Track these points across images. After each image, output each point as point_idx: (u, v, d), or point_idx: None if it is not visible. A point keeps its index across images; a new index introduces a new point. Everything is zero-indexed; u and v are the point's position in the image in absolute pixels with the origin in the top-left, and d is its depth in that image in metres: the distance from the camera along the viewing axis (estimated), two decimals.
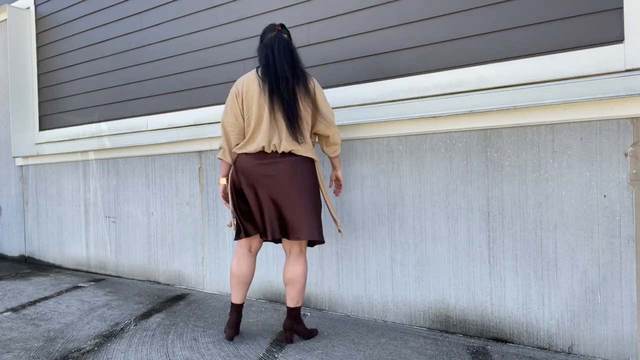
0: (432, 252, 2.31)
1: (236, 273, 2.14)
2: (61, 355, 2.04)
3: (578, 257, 1.98)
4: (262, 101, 1.99)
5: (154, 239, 3.40)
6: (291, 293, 2.08)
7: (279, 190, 1.99)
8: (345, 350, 2.04)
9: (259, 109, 2.00)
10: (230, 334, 2.14)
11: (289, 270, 2.08)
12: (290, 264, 2.09)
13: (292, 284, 2.07)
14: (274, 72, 1.97)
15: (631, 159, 1.86)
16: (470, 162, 2.20)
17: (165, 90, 3.33)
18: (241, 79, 2.08)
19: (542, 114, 2.01)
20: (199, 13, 3.12)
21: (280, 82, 1.95)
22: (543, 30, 2.05)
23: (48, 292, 3.14)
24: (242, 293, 2.15)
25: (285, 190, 1.98)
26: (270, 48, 2.01)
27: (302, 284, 2.08)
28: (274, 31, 2.06)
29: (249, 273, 2.14)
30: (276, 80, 1.96)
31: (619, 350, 1.91)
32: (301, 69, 2.03)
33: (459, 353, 2.00)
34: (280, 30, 2.07)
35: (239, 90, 2.05)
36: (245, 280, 2.14)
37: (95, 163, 3.79)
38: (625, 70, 1.88)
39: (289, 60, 1.99)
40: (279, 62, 1.97)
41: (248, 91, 2.02)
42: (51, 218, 4.16)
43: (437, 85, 2.29)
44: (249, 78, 2.05)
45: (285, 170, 1.97)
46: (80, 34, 3.86)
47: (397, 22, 2.40)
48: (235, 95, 2.06)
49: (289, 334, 2.12)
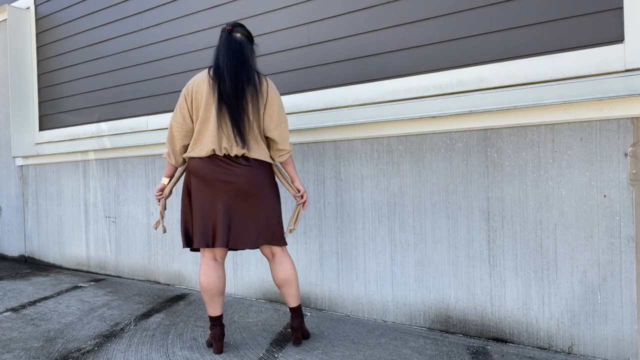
0: (432, 252, 2.31)
1: (207, 286, 1.98)
2: (61, 355, 2.04)
3: (578, 257, 1.98)
4: (211, 102, 1.93)
5: (154, 239, 3.40)
6: (289, 293, 2.07)
7: (235, 199, 1.93)
8: (345, 350, 2.04)
9: (205, 109, 1.93)
10: (220, 346, 2.02)
11: (280, 271, 2.04)
12: (277, 265, 2.05)
13: (288, 283, 2.05)
14: (222, 73, 1.91)
15: (631, 159, 1.86)
16: (470, 162, 2.20)
17: (165, 90, 3.33)
18: (193, 78, 2.01)
19: (542, 114, 2.01)
20: (199, 13, 3.12)
21: (227, 84, 1.89)
22: (543, 30, 2.05)
23: (48, 292, 3.14)
24: (219, 304, 2.02)
25: (243, 199, 1.93)
26: (218, 49, 1.97)
27: (296, 280, 2.07)
28: (224, 31, 2.00)
29: (219, 283, 2.00)
30: (224, 81, 1.90)
31: (619, 350, 1.91)
32: (251, 70, 1.95)
33: (459, 353, 2.00)
34: (231, 30, 1.99)
35: (189, 90, 1.97)
36: (218, 291, 2.00)
37: (95, 163, 3.79)
38: (625, 70, 1.88)
39: (238, 60, 1.92)
40: (228, 64, 1.91)
41: (198, 91, 1.95)
42: (51, 218, 4.16)
43: (437, 85, 2.29)
44: (200, 78, 1.97)
45: (241, 175, 1.91)
46: (80, 34, 3.86)
47: (397, 22, 2.40)
48: (185, 95, 1.98)
49: (299, 335, 2.09)
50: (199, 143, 1.95)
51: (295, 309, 2.09)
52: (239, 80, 1.90)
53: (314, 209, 2.68)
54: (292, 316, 2.10)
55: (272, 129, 1.97)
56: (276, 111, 1.98)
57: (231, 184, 1.91)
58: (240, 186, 1.92)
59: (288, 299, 2.08)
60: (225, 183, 1.92)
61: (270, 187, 2.01)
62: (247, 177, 1.92)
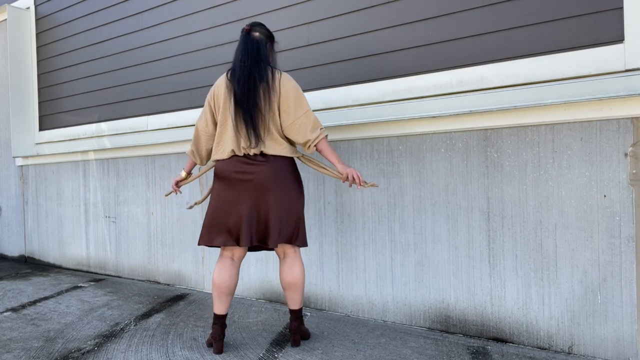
0: (432, 252, 2.31)
1: (218, 283, 2.00)
2: (61, 355, 2.04)
3: (578, 257, 1.98)
4: (227, 104, 1.97)
5: (154, 239, 3.40)
6: (293, 296, 2.06)
7: (257, 196, 1.94)
8: (345, 350, 2.04)
9: (224, 112, 1.98)
10: (220, 347, 2.02)
11: (288, 274, 2.04)
12: (287, 267, 2.05)
13: (294, 287, 2.04)
14: (237, 74, 1.95)
15: (631, 159, 1.86)
16: (470, 162, 2.20)
17: (165, 90, 3.33)
18: (216, 81, 2.06)
19: (542, 114, 2.01)
20: (199, 13, 3.12)
21: (239, 84, 1.92)
22: (543, 30, 2.05)
23: (48, 292, 3.14)
24: (226, 304, 2.03)
25: (264, 196, 1.94)
26: (236, 49, 2.02)
27: (303, 285, 2.06)
28: (243, 32, 2.03)
29: (231, 283, 2.01)
30: (238, 81, 1.93)
31: (619, 350, 1.91)
32: (265, 67, 1.96)
33: (459, 353, 2.00)
34: (250, 29, 2.01)
35: (211, 94, 2.04)
36: (228, 290, 2.01)
37: (95, 163, 3.79)
38: (625, 70, 1.88)
39: (253, 59, 1.95)
40: (240, 64, 1.95)
41: (218, 95, 2.01)
42: (51, 218, 4.16)
43: (437, 85, 2.29)
44: (219, 81, 2.03)
45: (261, 175, 1.93)
46: (80, 34, 3.86)
47: (397, 22, 2.40)
48: (209, 100, 2.05)
49: (297, 337, 2.09)
50: (221, 145, 2.01)
51: (295, 312, 2.09)
52: (251, 78, 1.92)
53: (314, 209, 2.68)
54: (291, 318, 2.10)
55: (287, 127, 1.96)
56: (292, 105, 1.95)
57: (251, 181, 1.94)
58: (259, 182, 1.93)
59: (290, 302, 2.08)
60: (245, 182, 1.94)
61: (290, 183, 1.99)
62: (264, 172, 1.93)
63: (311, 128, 1.96)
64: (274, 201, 1.95)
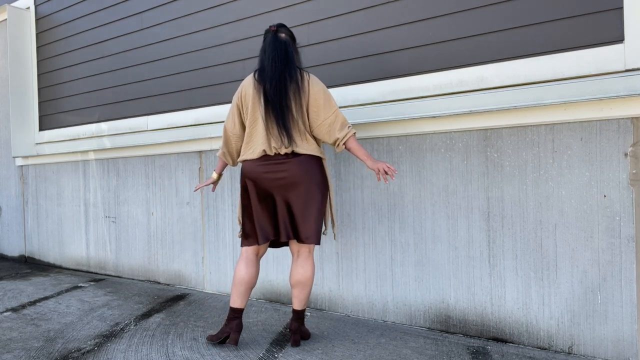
0: (432, 252, 2.31)
1: (244, 278, 2.06)
2: (61, 355, 2.04)
3: (578, 257, 1.98)
4: (257, 105, 1.99)
5: (154, 239, 3.40)
6: (300, 295, 2.06)
7: (288, 193, 1.98)
8: (345, 350, 2.04)
9: (253, 112, 2.01)
10: (236, 338, 2.05)
11: (299, 273, 2.05)
12: (299, 265, 2.06)
13: (302, 286, 2.05)
14: (266, 74, 1.97)
15: (631, 159, 1.86)
16: (470, 162, 2.20)
17: (165, 90, 3.33)
18: (243, 82, 2.09)
19: (542, 114, 2.01)
20: (199, 13, 3.12)
21: (271, 84, 1.95)
22: (543, 30, 2.05)
23: (48, 292, 3.14)
24: (246, 297, 2.09)
25: (294, 192, 1.98)
26: (263, 50, 2.03)
27: (311, 286, 2.07)
28: (269, 32, 2.06)
29: (255, 278, 2.10)
30: (268, 82, 1.96)
31: (619, 350, 1.91)
32: (295, 68, 2.00)
33: (459, 353, 2.00)
34: (276, 30, 2.05)
35: (239, 96, 2.08)
36: (251, 285, 2.09)
37: (95, 163, 3.79)
38: (625, 70, 1.87)
39: (282, 60, 1.97)
40: (272, 64, 1.97)
41: (246, 95, 2.04)
42: (51, 218, 4.16)
43: (437, 85, 2.29)
44: (247, 82, 2.06)
45: (292, 172, 1.96)
46: (80, 34, 3.86)
47: (397, 22, 2.40)
48: (237, 101, 2.08)
49: (297, 337, 2.09)
50: (251, 145, 2.03)
51: (298, 312, 2.09)
52: (282, 79, 1.95)
53: None
54: (292, 318, 2.11)
55: (317, 126, 2.00)
56: (321, 105, 1.99)
57: (282, 179, 1.97)
58: (290, 179, 1.97)
59: (295, 301, 2.08)
60: (276, 180, 1.97)
61: (317, 182, 2.01)
62: (295, 170, 1.96)
63: (339, 127, 2.00)
64: (304, 197, 1.98)
